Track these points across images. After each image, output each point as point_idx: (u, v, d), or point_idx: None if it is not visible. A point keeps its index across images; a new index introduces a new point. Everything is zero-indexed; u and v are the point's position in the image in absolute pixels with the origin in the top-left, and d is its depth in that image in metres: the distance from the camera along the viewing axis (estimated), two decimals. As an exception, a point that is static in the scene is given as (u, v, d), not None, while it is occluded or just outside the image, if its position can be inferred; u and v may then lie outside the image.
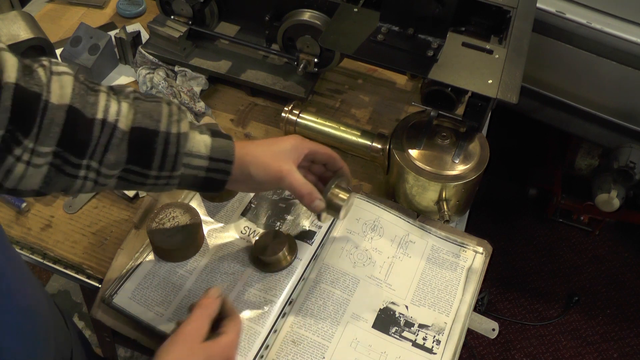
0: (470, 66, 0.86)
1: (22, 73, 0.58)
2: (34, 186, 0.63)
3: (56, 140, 0.61)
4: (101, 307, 0.82)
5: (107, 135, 0.64)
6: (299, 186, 0.75)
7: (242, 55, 1.15)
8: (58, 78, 0.62)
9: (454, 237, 0.92)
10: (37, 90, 0.59)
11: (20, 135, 0.59)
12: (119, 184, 0.69)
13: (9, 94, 0.56)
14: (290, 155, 0.76)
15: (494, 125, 1.22)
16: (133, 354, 1.77)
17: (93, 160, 0.64)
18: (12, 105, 0.56)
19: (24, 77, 0.58)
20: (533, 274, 2.10)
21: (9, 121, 0.57)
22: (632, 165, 1.59)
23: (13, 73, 0.57)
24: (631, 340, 1.96)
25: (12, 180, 0.61)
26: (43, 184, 0.63)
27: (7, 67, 0.57)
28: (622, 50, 1.45)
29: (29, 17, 1.11)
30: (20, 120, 0.58)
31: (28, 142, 0.59)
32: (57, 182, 0.64)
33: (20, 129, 0.58)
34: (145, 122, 0.66)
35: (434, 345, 0.80)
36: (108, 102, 0.64)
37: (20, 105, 0.57)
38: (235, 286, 0.84)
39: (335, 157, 0.82)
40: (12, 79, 0.57)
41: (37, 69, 0.61)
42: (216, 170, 0.72)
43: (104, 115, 0.63)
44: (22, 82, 0.58)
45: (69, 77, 0.63)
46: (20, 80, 0.58)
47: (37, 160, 0.61)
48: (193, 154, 0.70)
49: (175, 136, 0.68)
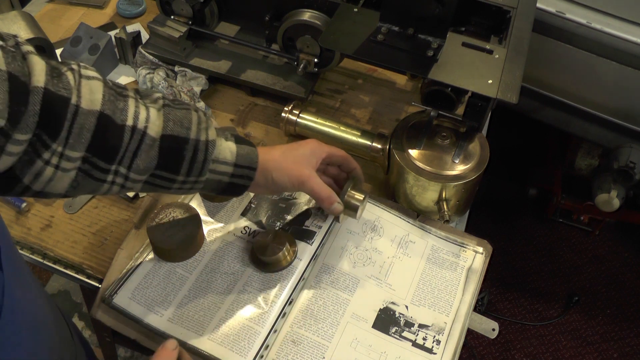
0: (470, 66, 0.86)
1: (50, 77, 0.58)
2: (61, 190, 0.64)
3: (86, 146, 0.62)
4: (101, 307, 0.82)
5: (136, 142, 0.65)
6: (319, 190, 0.79)
7: (242, 55, 1.15)
8: (87, 82, 0.62)
9: (454, 237, 0.92)
10: (65, 94, 0.59)
11: (48, 139, 0.59)
12: (144, 187, 0.71)
13: (38, 98, 0.56)
14: (310, 160, 0.80)
15: (494, 125, 1.22)
16: (133, 354, 1.77)
17: (122, 166, 0.65)
18: (41, 110, 0.57)
19: (52, 81, 0.58)
20: (533, 274, 2.10)
21: (37, 125, 0.57)
22: (632, 165, 1.59)
23: (42, 77, 0.57)
24: (631, 340, 1.96)
25: (40, 183, 0.61)
26: (70, 187, 0.64)
27: (35, 70, 0.57)
28: (622, 50, 1.45)
29: (29, 17, 1.11)
30: (48, 124, 0.58)
31: (57, 145, 0.60)
32: (84, 186, 0.65)
33: (48, 133, 0.59)
34: (177, 130, 0.68)
35: (434, 345, 0.80)
36: (137, 109, 0.65)
37: (49, 110, 0.57)
38: (235, 286, 0.84)
39: (349, 158, 0.86)
40: (41, 83, 0.57)
41: (66, 72, 0.61)
42: (240, 176, 0.75)
43: (133, 122, 0.64)
44: (51, 86, 0.58)
45: (98, 82, 0.63)
46: (49, 84, 0.58)
47: (66, 164, 0.61)
48: (219, 160, 0.73)
49: (204, 143, 0.70)
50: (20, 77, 0.55)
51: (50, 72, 0.59)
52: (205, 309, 0.81)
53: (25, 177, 0.59)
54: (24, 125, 0.56)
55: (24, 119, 0.56)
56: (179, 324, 0.79)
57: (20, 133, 0.56)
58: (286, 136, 1.08)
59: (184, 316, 0.80)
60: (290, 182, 0.78)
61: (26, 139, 0.57)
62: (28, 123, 0.56)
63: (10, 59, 0.54)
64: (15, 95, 0.53)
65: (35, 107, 0.56)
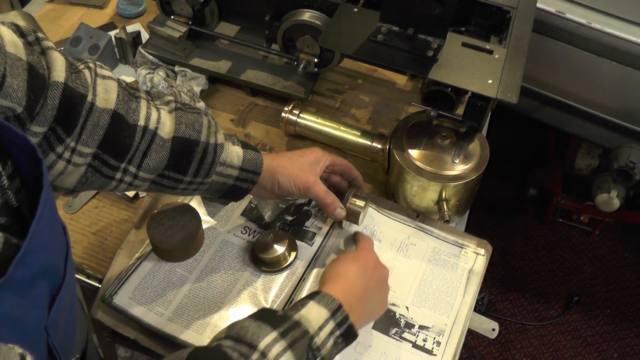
0: (470, 66, 0.86)
1: (69, 72, 0.60)
2: (70, 185, 0.65)
3: (98, 143, 0.63)
4: (101, 307, 0.82)
5: (147, 142, 0.67)
6: (323, 196, 0.82)
7: (242, 55, 1.15)
8: (103, 81, 0.64)
9: (454, 237, 0.92)
10: (82, 91, 0.61)
11: (63, 133, 0.60)
12: (151, 187, 0.72)
13: (57, 93, 0.58)
14: (315, 168, 0.84)
15: (494, 125, 1.22)
16: (133, 354, 1.77)
17: (131, 164, 0.67)
18: (59, 104, 0.58)
19: (71, 77, 0.60)
20: (533, 274, 2.10)
21: (54, 119, 0.59)
22: (632, 165, 1.59)
23: (62, 72, 0.59)
24: (631, 340, 1.96)
25: (50, 176, 0.62)
26: (79, 183, 0.66)
27: (57, 66, 0.58)
28: (622, 50, 1.45)
29: (29, 17, 1.11)
30: (65, 119, 0.60)
31: (70, 140, 0.61)
32: (93, 182, 0.67)
33: (64, 127, 0.60)
34: (188, 133, 0.70)
35: (434, 347, 0.80)
36: (149, 110, 0.68)
37: (67, 104, 0.59)
38: (235, 286, 0.84)
39: (351, 167, 0.90)
40: (61, 78, 0.58)
41: (83, 69, 0.63)
42: (244, 180, 0.78)
43: (145, 122, 0.67)
44: (70, 82, 0.59)
45: (113, 82, 0.65)
46: (69, 79, 0.59)
47: (77, 159, 0.63)
48: (227, 163, 0.75)
49: (213, 146, 0.72)
50: (39, 69, 0.56)
51: (69, 68, 0.60)
52: (205, 308, 0.81)
53: None
54: (42, 118, 0.57)
55: (42, 111, 0.57)
56: (179, 323, 0.79)
57: (37, 125, 0.57)
58: (286, 136, 1.08)
59: (184, 316, 0.80)
60: (296, 188, 0.81)
61: (42, 132, 0.58)
62: (46, 116, 0.58)
63: (29, 51, 0.55)
64: (33, 85, 0.55)
65: (54, 102, 0.58)
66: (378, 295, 0.77)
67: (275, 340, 0.60)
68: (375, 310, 0.79)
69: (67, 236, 0.52)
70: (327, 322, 0.65)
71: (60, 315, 0.50)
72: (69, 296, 0.54)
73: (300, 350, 0.61)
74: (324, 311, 0.66)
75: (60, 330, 0.52)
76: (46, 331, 0.48)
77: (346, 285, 0.72)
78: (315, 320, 0.64)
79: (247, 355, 0.58)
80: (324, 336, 0.64)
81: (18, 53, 0.53)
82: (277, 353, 0.59)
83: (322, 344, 0.64)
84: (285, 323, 0.62)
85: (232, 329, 0.61)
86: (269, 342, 0.59)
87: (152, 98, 0.71)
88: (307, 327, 0.63)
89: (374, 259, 0.80)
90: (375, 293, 0.76)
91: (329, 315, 0.66)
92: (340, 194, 0.88)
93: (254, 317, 0.63)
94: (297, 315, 0.64)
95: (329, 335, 0.65)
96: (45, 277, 0.46)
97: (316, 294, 0.68)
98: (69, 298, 0.53)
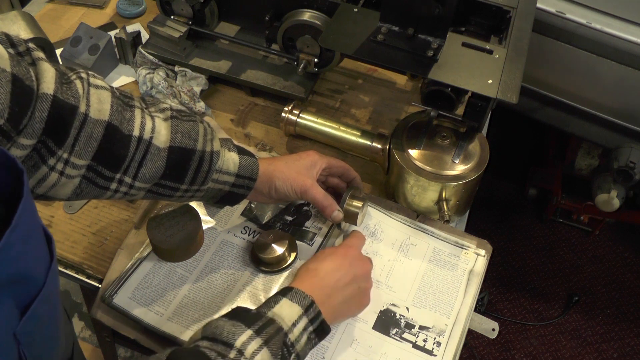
0: (470, 66, 0.86)
1: (59, 84, 0.59)
2: (64, 195, 0.65)
3: (92, 155, 0.63)
4: (101, 307, 0.82)
5: (142, 152, 0.66)
6: (320, 199, 0.82)
7: (242, 55, 1.15)
8: (96, 91, 0.63)
9: (454, 238, 0.92)
10: (73, 102, 0.60)
11: (54, 145, 0.60)
12: (147, 195, 0.72)
13: (46, 105, 0.57)
14: (311, 171, 0.84)
15: (494, 125, 1.22)
16: (133, 354, 1.77)
17: (126, 175, 0.67)
18: (48, 116, 0.57)
19: (61, 88, 0.59)
20: (533, 274, 2.10)
21: (42, 131, 0.58)
22: (632, 165, 1.58)
23: (52, 84, 0.58)
24: (631, 340, 1.96)
25: (43, 187, 0.62)
26: (73, 194, 0.65)
27: (46, 77, 0.57)
28: (622, 50, 1.45)
29: (29, 17, 1.11)
30: (55, 131, 0.59)
31: (62, 152, 0.60)
32: (88, 193, 0.66)
33: (54, 140, 0.59)
34: (185, 142, 0.70)
35: (434, 347, 0.80)
36: (143, 119, 0.67)
37: (56, 116, 0.58)
38: (235, 286, 0.84)
39: (349, 168, 0.90)
40: (50, 90, 0.57)
41: (75, 80, 0.62)
42: (240, 186, 0.78)
43: (140, 132, 0.66)
44: (60, 94, 0.58)
45: (107, 91, 0.64)
46: (58, 91, 0.58)
47: (70, 171, 0.62)
48: (223, 170, 0.75)
49: (209, 154, 0.72)
50: (25, 80, 0.55)
51: (60, 79, 0.59)
52: (205, 308, 0.81)
53: (29, 181, 0.59)
54: (30, 130, 0.56)
55: (30, 124, 0.56)
56: (179, 323, 0.79)
57: (25, 138, 0.56)
58: (286, 136, 1.08)
59: (183, 316, 0.80)
60: (293, 191, 0.81)
61: (31, 144, 0.57)
62: (34, 129, 0.57)
63: (15, 62, 0.54)
64: (18, 97, 0.53)
65: (42, 114, 0.57)
66: (354, 291, 0.77)
67: (251, 338, 0.61)
68: (353, 306, 0.79)
69: (52, 247, 0.51)
70: (300, 318, 0.67)
71: (35, 326, 0.49)
72: (49, 307, 0.52)
73: (275, 346, 0.62)
74: (296, 307, 0.68)
75: (36, 341, 0.51)
76: (16, 339, 0.46)
77: (316, 281, 0.73)
78: (288, 317, 0.66)
79: (224, 354, 0.59)
80: (298, 332, 0.66)
81: (2, 64, 0.52)
82: (254, 350, 0.60)
83: (296, 340, 0.66)
84: (259, 321, 0.64)
85: (207, 329, 0.63)
86: (244, 340, 0.61)
87: (146, 106, 0.70)
88: (281, 324, 0.65)
89: (352, 255, 0.79)
90: (350, 289, 0.76)
91: (301, 312, 0.68)
92: (339, 195, 0.88)
93: (228, 316, 0.64)
94: (271, 313, 0.66)
95: (302, 332, 0.67)
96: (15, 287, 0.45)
97: (288, 290, 0.70)
98: (48, 309, 0.52)
